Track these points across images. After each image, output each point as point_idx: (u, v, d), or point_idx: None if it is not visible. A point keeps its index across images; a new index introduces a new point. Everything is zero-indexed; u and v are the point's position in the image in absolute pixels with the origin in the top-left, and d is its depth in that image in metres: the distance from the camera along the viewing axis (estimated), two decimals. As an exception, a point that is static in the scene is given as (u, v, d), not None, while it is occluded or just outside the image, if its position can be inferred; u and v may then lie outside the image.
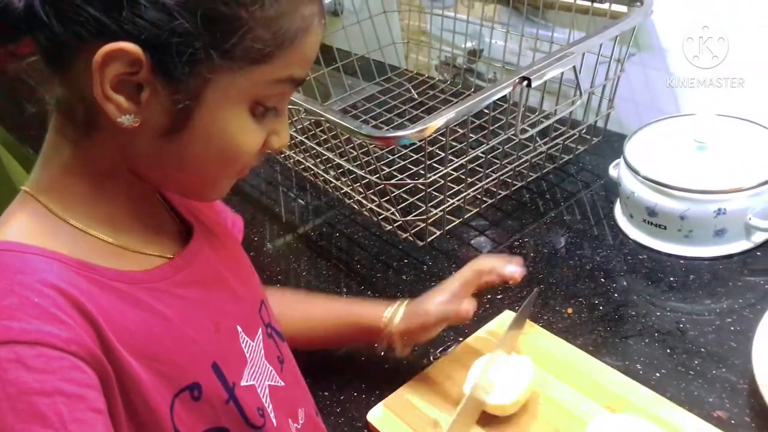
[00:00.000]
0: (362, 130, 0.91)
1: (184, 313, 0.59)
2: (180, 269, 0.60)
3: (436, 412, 0.80)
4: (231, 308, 0.65)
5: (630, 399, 0.78)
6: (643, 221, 1.01)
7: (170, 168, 0.56)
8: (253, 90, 0.52)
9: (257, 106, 0.54)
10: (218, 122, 0.52)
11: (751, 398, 0.77)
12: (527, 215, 1.14)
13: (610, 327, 0.90)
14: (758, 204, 0.95)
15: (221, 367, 0.60)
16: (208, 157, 0.54)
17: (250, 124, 0.54)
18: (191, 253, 0.62)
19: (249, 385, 0.64)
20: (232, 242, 0.73)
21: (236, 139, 0.54)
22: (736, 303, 0.90)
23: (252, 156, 0.57)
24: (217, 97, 0.51)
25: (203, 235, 0.66)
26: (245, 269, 0.72)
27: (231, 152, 0.55)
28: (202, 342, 0.59)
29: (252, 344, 0.66)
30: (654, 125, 1.07)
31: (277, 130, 0.58)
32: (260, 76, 0.52)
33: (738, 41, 0.97)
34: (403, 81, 1.55)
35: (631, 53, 1.17)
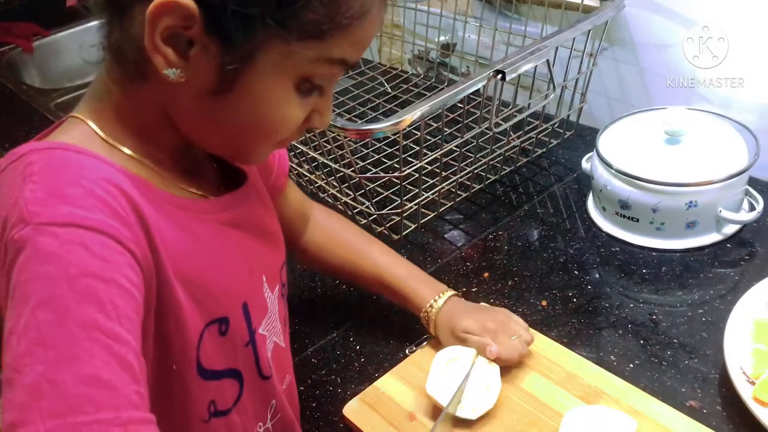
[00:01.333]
0: (336, 122, 0.90)
1: (224, 248, 0.60)
2: (226, 208, 0.62)
3: (412, 405, 0.80)
4: (261, 257, 0.67)
5: (604, 390, 0.78)
6: (616, 214, 1.02)
7: (210, 128, 0.56)
8: (303, 65, 0.52)
9: (305, 82, 0.54)
10: (263, 90, 0.52)
11: (723, 387, 0.79)
12: (501, 209, 1.15)
13: (583, 319, 0.90)
14: (728, 197, 0.96)
15: (250, 308, 0.62)
16: (247, 123, 0.55)
17: (294, 97, 0.54)
18: (238, 197, 0.64)
19: (263, 335, 0.66)
20: (269, 201, 0.74)
21: (278, 109, 0.54)
22: (707, 294, 0.92)
23: (292, 129, 0.57)
24: (266, 65, 0.51)
25: (252, 186, 0.67)
26: (276, 228, 0.74)
27: (270, 122, 0.55)
28: (238, 279, 0.61)
29: (272, 297, 0.68)
30: (626, 119, 1.08)
31: (321, 110, 0.58)
32: (312, 52, 0.51)
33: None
34: (376, 74, 1.55)
35: (604, 47, 1.18)
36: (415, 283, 0.87)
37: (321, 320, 0.97)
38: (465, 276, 1.01)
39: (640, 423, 0.74)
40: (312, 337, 0.95)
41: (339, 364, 0.90)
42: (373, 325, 0.95)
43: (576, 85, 1.17)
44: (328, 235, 0.91)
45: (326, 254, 0.91)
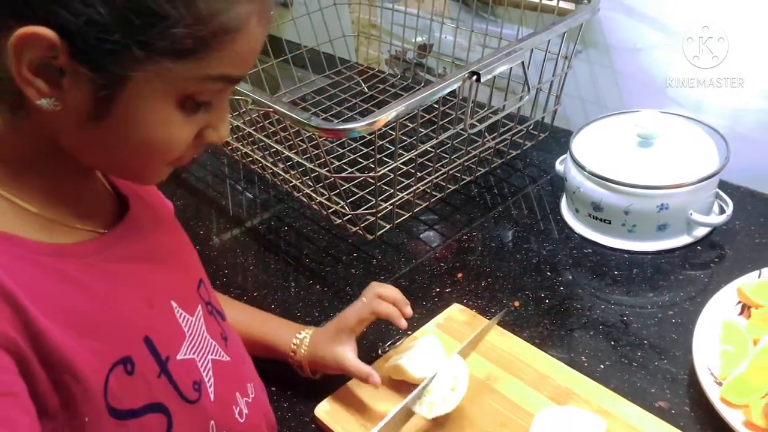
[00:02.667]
0: (312, 122, 0.90)
1: (115, 288, 0.58)
2: (112, 244, 0.59)
3: (384, 405, 0.80)
4: (165, 284, 0.64)
5: (575, 391, 0.79)
6: (589, 216, 1.02)
7: (99, 153, 0.55)
8: (180, 84, 0.51)
9: (187, 100, 0.52)
10: (141, 113, 0.51)
11: (691, 389, 0.79)
12: (475, 209, 1.15)
13: (555, 320, 0.91)
14: (699, 200, 0.97)
15: (154, 340, 0.59)
16: (132, 146, 0.53)
17: (177, 117, 0.52)
18: (125, 228, 0.62)
19: (187, 359, 0.63)
20: (170, 220, 0.72)
21: (160, 131, 0.52)
22: (678, 296, 0.93)
23: (181, 149, 0.55)
24: (140, 88, 0.49)
25: (141, 211, 0.65)
26: (183, 247, 0.72)
27: (155, 143, 0.53)
28: (133, 316, 0.59)
29: (191, 319, 0.66)
30: (600, 121, 1.09)
31: (215, 124, 0.56)
32: (187, 71, 0.50)
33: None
34: (353, 74, 1.54)
35: (578, 50, 1.19)
36: (277, 327, 0.88)
37: (294, 320, 0.97)
38: (439, 276, 1.01)
39: (609, 423, 0.74)
40: (285, 337, 0.94)
41: (311, 364, 0.89)
42: (346, 325, 0.95)
43: (550, 87, 1.17)
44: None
45: None
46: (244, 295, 1.03)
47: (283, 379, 0.87)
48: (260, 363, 0.90)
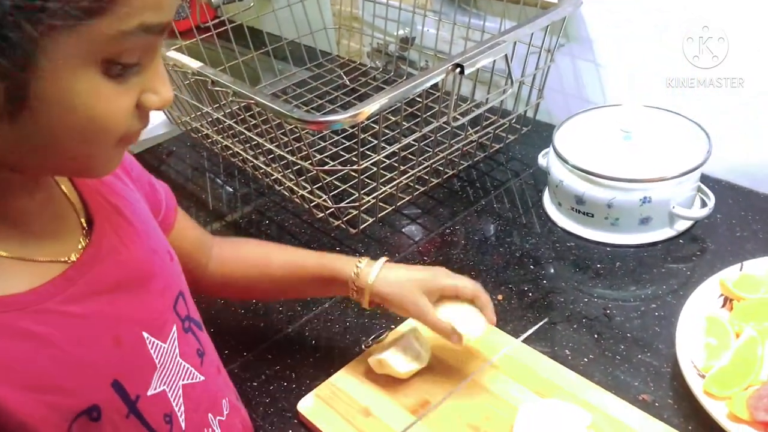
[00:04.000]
0: (294, 114, 0.89)
1: (76, 334, 0.53)
2: (75, 279, 0.54)
3: (367, 400, 0.80)
4: (136, 314, 0.59)
5: (559, 384, 0.79)
6: (572, 209, 1.02)
7: (32, 152, 0.47)
8: (96, 48, 0.43)
9: (112, 66, 0.45)
10: (65, 93, 0.44)
11: (674, 381, 0.80)
12: (458, 203, 1.14)
13: (539, 313, 0.91)
14: (681, 193, 0.98)
15: (123, 382, 0.56)
16: (67, 134, 0.46)
17: (106, 87, 0.45)
18: (90, 256, 0.56)
19: (158, 393, 0.60)
20: (146, 225, 0.65)
21: (93, 108, 0.45)
22: (660, 289, 0.93)
23: (123, 122, 0.48)
24: (52, 65, 0.42)
25: (109, 226, 0.59)
26: (160, 257, 0.65)
27: (92, 124, 0.46)
28: (98, 361, 0.54)
29: (164, 347, 0.61)
30: (582, 115, 1.09)
31: (153, 87, 0.49)
32: (99, 31, 0.42)
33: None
34: (334, 67, 1.53)
35: (561, 44, 1.19)
36: (328, 260, 0.83)
37: (275, 315, 0.96)
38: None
39: (593, 416, 0.74)
40: (266, 332, 0.94)
41: (294, 359, 0.89)
42: (328, 320, 0.94)
43: (533, 81, 1.17)
44: (228, 258, 0.85)
45: (231, 276, 0.85)
46: (225, 290, 1.01)
47: (265, 375, 0.87)
48: (242, 359, 0.89)
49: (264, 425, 0.81)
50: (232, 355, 0.90)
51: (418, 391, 0.80)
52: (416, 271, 0.81)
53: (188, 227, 0.82)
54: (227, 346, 0.91)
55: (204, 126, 1.26)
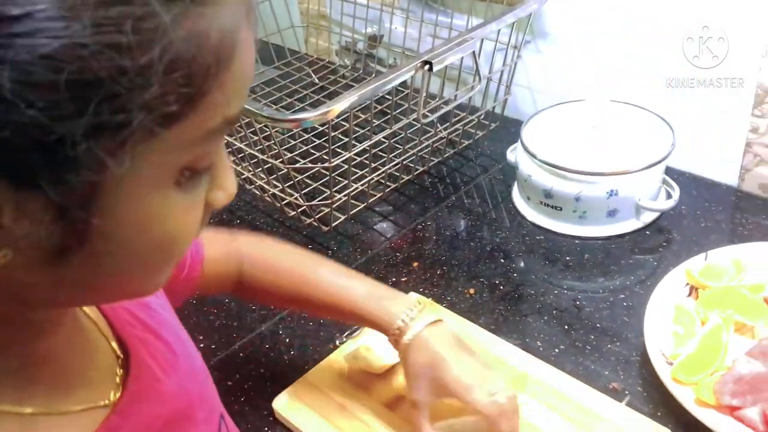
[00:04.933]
0: (264, 112, 0.89)
1: None
2: (119, 429, 0.45)
3: (342, 397, 0.80)
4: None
5: (531, 375, 0.80)
6: (540, 203, 1.04)
7: (85, 287, 0.39)
8: (177, 157, 0.35)
9: (185, 173, 0.36)
10: (136, 223, 0.35)
11: (643, 369, 0.81)
12: (429, 199, 1.15)
13: (510, 306, 0.92)
14: (647, 185, 1.00)
15: None
16: (131, 265, 0.38)
17: (180, 202, 0.37)
18: (131, 398, 0.47)
19: None
20: (178, 339, 0.57)
21: (168, 231, 0.37)
22: (628, 280, 0.95)
23: (195, 234, 0.40)
24: (123, 192, 0.34)
25: (145, 351, 0.51)
26: (200, 379, 0.57)
27: (164, 246, 0.38)
28: None
29: None
30: (550, 110, 1.10)
31: (221, 184, 0.41)
32: (182, 136, 0.34)
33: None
34: (303, 65, 1.53)
35: (527, 40, 1.20)
36: (377, 301, 0.72)
37: (248, 314, 0.96)
38: (394, 266, 1.01)
39: (565, 406, 0.76)
40: (239, 331, 0.93)
41: (268, 358, 0.89)
42: (302, 317, 0.94)
43: (501, 77, 1.18)
44: (263, 267, 0.77)
45: (267, 287, 0.77)
46: (197, 290, 1.01)
47: (240, 374, 0.87)
48: (217, 359, 0.89)
49: (240, 424, 0.81)
50: (205, 355, 0.88)
51: (393, 386, 0.81)
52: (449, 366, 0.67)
53: (212, 246, 0.74)
54: (201, 345, 0.91)
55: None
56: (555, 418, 0.75)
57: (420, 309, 0.71)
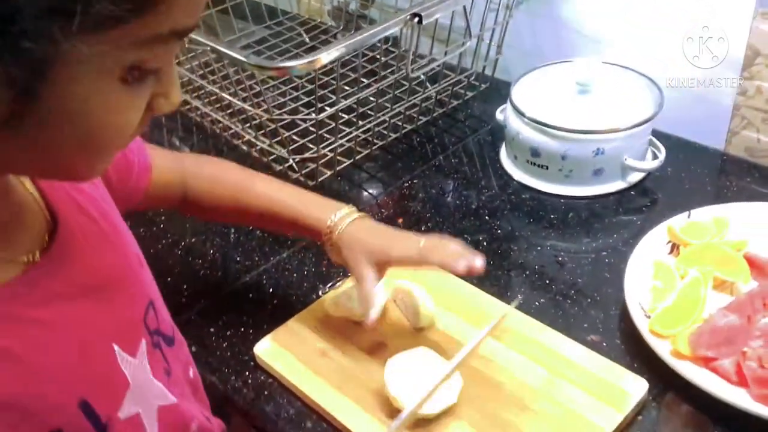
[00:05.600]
0: (251, 60, 0.89)
1: (40, 344, 0.48)
2: (35, 283, 0.49)
3: (323, 343, 0.81)
4: (105, 324, 0.54)
5: (509, 325, 0.81)
6: (527, 162, 1.04)
7: (27, 158, 0.44)
8: (123, 55, 0.40)
9: (132, 72, 0.41)
10: (78, 102, 0.40)
11: (621, 322, 0.82)
12: (417, 159, 1.15)
13: (493, 261, 0.92)
14: (633, 145, 1.00)
15: (92, 402, 0.50)
16: (69, 143, 0.43)
17: (123, 96, 0.42)
18: (53, 258, 0.51)
19: (132, 416, 0.55)
20: (114, 227, 0.61)
21: (106, 117, 0.42)
22: (611, 238, 0.95)
23: (134, 130, 0.45)
24: (71, 72, 0.38)
25: (75, 226, 0.55)
26: (131, 264, 0.61)
27: (102, 133, 0.43)
28: (63, 376, 0.49)
29: (134, 362, 0.56)
30: (540, 70, 1.10)
31: (165, 91, 0.46)
32: (131, 36, 0.38)
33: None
34: (295, 25, 1.52)
35: (519, 1, 1.20)
36: (305, 208, 0.79)
37: (233, 265, 0.96)
38: (380, 222, 1.01)
39: (543, 355, 0.76)
40: (224, 281, 0.94)
41: (252, 306, 0.89)
42: (286, 269, 0.94)
43: (492, 36, 1.18)
44: (207, 179, 0.83)
45: (208, 198, 0.83)
46: (181, 241, 1.01)
47: (223, 320, 0.87)
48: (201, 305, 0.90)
49: (222, 369, 0.82)
50: (189, 303, 0.90)
51: (371, 334, 0.81)
52: (376, 237, 0.76)
53: (159, 159, 0.79)
54: (185, 294, 0.91)
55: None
56: (530, 366, 0.76)
57: (347, 211, 0.78)
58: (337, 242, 0.76)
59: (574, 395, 0.73)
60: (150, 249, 1.00)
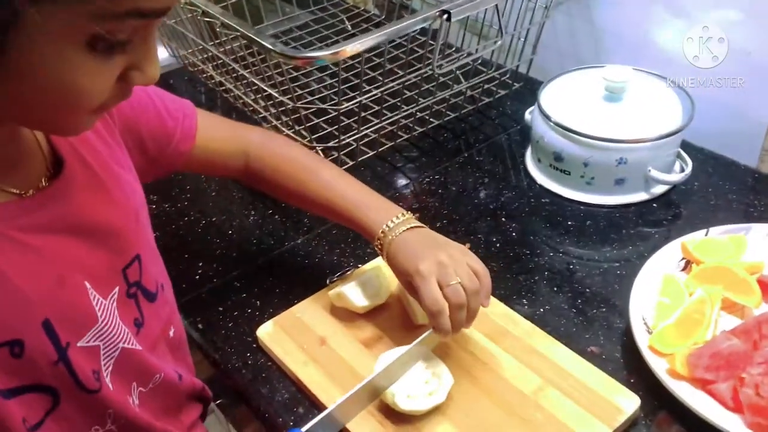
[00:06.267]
0: (277, 48, 0.90)
1: (20, 263, 0.53)
2: (28, 211, 0.55)
3: (324, 331, 0.82)
4: (84, 262, 0.59)
5: (509, 330, 0.81)
6: (550, 166, 1.03)
7: (4, 104, 0.48)
8: (84, 25, 0.43)
9: (97, 41, 0.44)
10: (43, 59, 0.44)
11: (624, 336, 0.81)
12: (442, 154, 1.15)
13: (503, 263, 0.92)
14: (659, 157, 0.98)
15: (54, 325, 0.56)
16: (40, 98, 0.47)
17: (88, 61, 0.45)
18: (50, 194, 0.57)
19: (91, 346, 0.60)
20: (117, 181, 0.65)
21: (69, 78, 0.45)
22: (626, 250, 0.94)
23: (100, 95, 0.48)
24: (34, 30, 0.42)
25: (77, 174, 0.60)
26: (125, 218, 0.65)
27: (66, 93, 0.46)
28: (34, 296, 0.54)
29: (105, 303, 0.61)
30: (572, 73, 1.08)
31: (140, 65, 0.49)
32: (89, 8, 0.42)
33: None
34: (338, 12, 1.53)
35: (560, 1, 1.18)
36: (364, 208, 0.80)
37: (249, 246, 0.98)
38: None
39: (538, 362, 0.76)
40: (238, 261, 0.96)
41: (260, 289, 0.91)
42: (299, 254, 0.96)
43: (527, 35, 1.17)
44: (273, 157, 0.85)
45: (271, 176, 0.85)
46: (203, 219, 1.04)
47: (231, 300, 0.89)
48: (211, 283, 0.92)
49: (224, 347, 0.84)
50: (202, 281, 0.93)
51: (372, 326, 0.82)
52: (413, 254, 0.74)
53: (219, 129, 0.84)
54: (199, 271, 0.94)
55: (201, 61, 1.27)
56: (524, 371, 0.75)
57: (402, 218, 0.77)
58: (387, 249, 0.77)
59: (564, 405, 0.72)
60: (171, 224, 1.03)
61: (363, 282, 0.83)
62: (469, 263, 0.74)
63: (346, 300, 0.82)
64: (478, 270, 0.74)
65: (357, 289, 0.83)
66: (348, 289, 0.82)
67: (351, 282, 0.84)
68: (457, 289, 0.71)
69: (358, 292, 0.82)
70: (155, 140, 0.77)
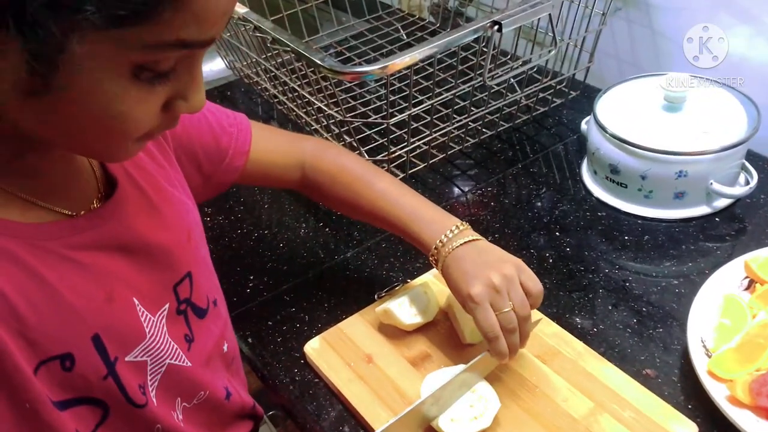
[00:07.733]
0: (325, 63, 0.90)
1: (71, 280, 0.55)
2: (80, 230, 0.56)
3: (371, 348, 0.81)
4: (133, 279, 0.61)
5: (561, 350, 0.78)
6: (606, 178, 1.00)
7: (51, 129, 0.49)
8: (129, 54, 0.44)
9: (142, 71, 0.45)
10: (90, 89, 0.45)
11: (682, 359, 0.78)
12: (496, 165, 1.13)
13: (556, 280, 0.90)
14: (721, 169, 0.94)
15: (104, 339, 0.57)
16: (86, 125, 0.48)
17: (133, 91, 0.46)
18: (100, 215, 0.58)
19: (138, 362, 0.61)
20: (168, 203, 0.67)
21: (115, 108, 0.46)
22: (686, 267, 0.90)
23: (145, 124, 0.49)
24: (81, 60, 0.43)
25: (129, 195, 0.62)
26: (176, 237, 0.66)
27: (111, 122, 0.47)
28: (84, 312, 0.55)
29: (153, 319, 0.62)
30: (630, 82, 1.05)
31: (184, 94, 0.50)
32: (135, 39, 0.43)
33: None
34: (393, 20, 1.52)
35: (618, 7, 1.15)
36: (419, 221, 0.78)
37: (298, 260, 0.98)
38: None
39: (590, 385, 0.74)
40: (288, 275, 0.96)
41: (309, 303, 0.91)
42: (348, 268, 0.96)
43: (583, 43, 1.14)
44: (329, 168, 0.85)
45: (328, 187, 0.85)
46: (255, 231, 1.04)
47: (281, 315, 0.89)
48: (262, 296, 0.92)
49: (273, 362, 0.84)
50: (252, 294, 0.93)
51: (420, 344, 0.81)
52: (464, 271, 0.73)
53: (273, 141, 0.85)
54: (250, 284, 0.95)
55: (255, 73, 1.28)
56: (575, 395, 0.73)
57: (457, 231, 0.76)
58: (441, 264, 0.76)
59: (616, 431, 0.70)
60: (225, 237, 1.04)
61: (411, 298, 0.83)
62: (523, 282, 0.72)
63: (393, 317, 0.81)
64: (530, 289, 0.72)
65: (404, 306, 0.82)
66: (395, 306, 0.82)
67: (399, 298, 0.83)
68: (509, 316, 0.70)
69: (406, 309, 0.82)
70: (209, 158, 0.79)
